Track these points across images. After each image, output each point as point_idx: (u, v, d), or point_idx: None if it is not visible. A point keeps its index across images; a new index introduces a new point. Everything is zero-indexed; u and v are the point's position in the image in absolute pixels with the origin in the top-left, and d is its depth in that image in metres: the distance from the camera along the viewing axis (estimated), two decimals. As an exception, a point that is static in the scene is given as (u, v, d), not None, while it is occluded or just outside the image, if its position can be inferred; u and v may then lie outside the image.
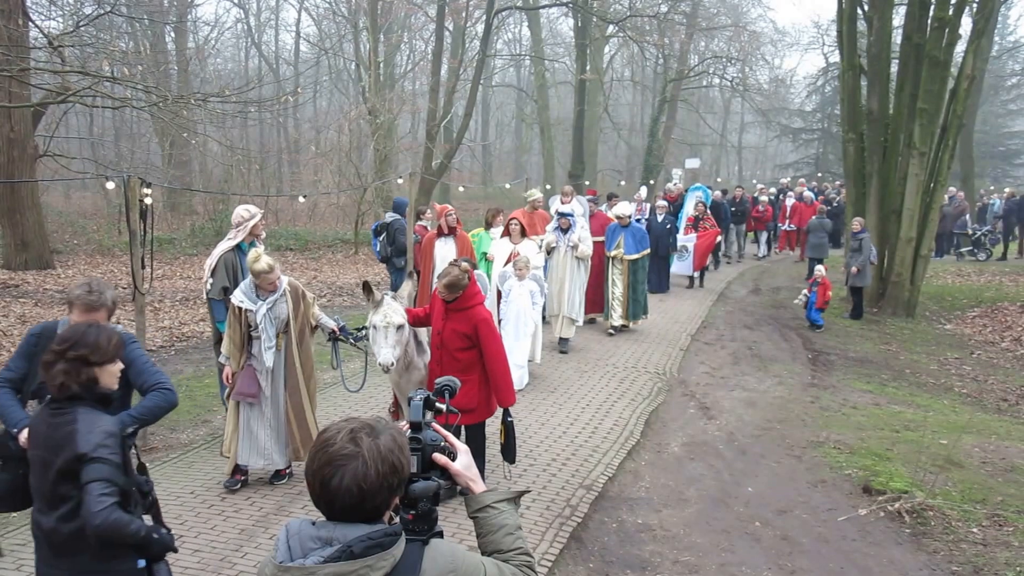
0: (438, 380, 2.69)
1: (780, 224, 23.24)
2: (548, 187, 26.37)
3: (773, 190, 26.01)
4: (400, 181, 24.09)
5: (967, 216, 25.09)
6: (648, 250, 12.66)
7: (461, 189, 30.57)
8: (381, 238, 12.11)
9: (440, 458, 2.19)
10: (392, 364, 6.13)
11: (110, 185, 11.90)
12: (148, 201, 7.64)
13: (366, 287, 6.28)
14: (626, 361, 11.03)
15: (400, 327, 6.16)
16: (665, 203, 16.70)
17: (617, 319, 12.45)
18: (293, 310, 6.38)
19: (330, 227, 25.53)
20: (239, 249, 7.35)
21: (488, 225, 11.30)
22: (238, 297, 6.32)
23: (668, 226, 16.02)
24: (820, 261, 17.32)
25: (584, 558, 5.70)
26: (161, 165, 24.67)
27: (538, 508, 6.28)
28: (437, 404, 2.43)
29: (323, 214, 27.24)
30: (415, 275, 7.45)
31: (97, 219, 24.02)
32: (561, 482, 6.83)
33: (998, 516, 6.39)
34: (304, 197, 20.21)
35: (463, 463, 2.24)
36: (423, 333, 6.75)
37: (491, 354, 6.20)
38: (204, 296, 7.53)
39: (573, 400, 9.17)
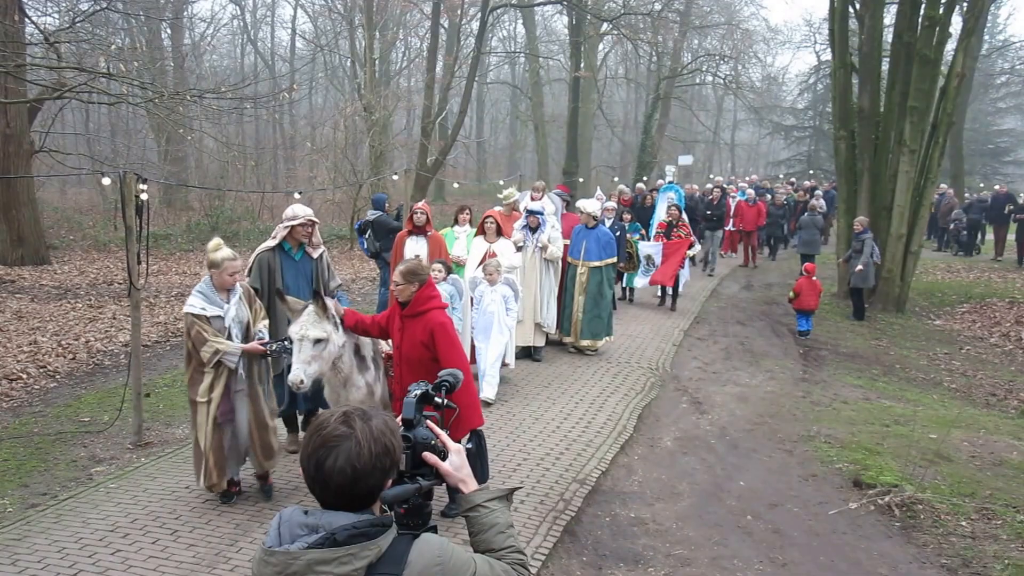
0: (440, 372, 2.63)
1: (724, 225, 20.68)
2: (544, 184, 26.39)
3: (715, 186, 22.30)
4: (395, 177, 24.13)
5: (959, 210, 25.18)
6: (614, 258, 11.30)
7: (456, 186, 30.57)
8: (367, 235, 12.15)
9: (430, 457, 2.17)
10: (301, 383, 5.32)
11: (106, 181, 11.91)
12: (144, 197, 7.65)
13: (279, 294, 5.73)
14: (619, 356, 11.07)
15: (319, 341, 5.39)
16: (614, 205, 14.27)
17: (579, 340, 11.06)
18: (250, 314, 5.99)
19: (325, 223, 25.48)
20: (282, 251, 6.70)
21: (455, 223, 10.61)
22: (198, 305, 5.71)
23: (618, 233, 12.96)
24: (812, 259, 17.35)
25: (577, 551, 5.73)
26: (157, 161, 24.63)
27: (532, 502, 6.30)
28: (435, 399, 2.39)
29: (318, 210, 27.03)
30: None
31: (93, 215, 23.99)
32: (555, 476, 6.85)
33: (987, 510, 6.44)
34: (300, 193, 20.17)
35: (453, 463, 2.22)
36: (367, 347, 6.01)
37: (448, 363, 5.36)
38: None
39: (567, 395, 9.19)
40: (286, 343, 5.66)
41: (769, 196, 22.84)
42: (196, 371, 5.80)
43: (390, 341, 5.87)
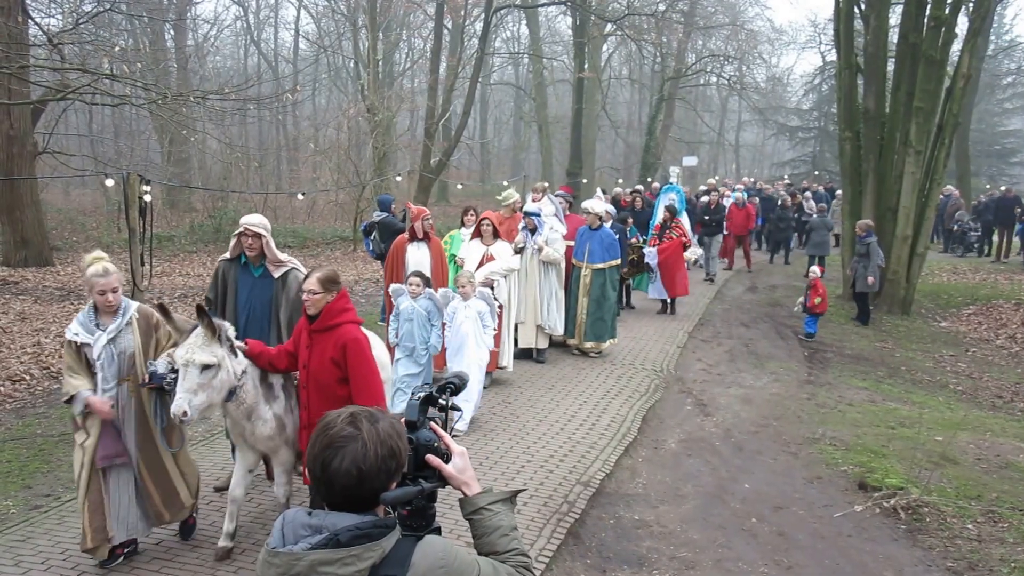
0: (445, 374, 2.60)
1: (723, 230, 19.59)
2: (546, 184, 26.35)
3: (709, 188, 21.56)
4: (398, 179, 24.19)
5: (962, 211, 25.11)
6: (618, 260, 11.17)
7: (459, 187, 30.59)
8: (372, 237, 12.10)
9: (433, 459, 2.17)
10: (185, 415, 4.59)
11: (109, 182, 11.93)
12: (147, 198, 7.68)
13: (162, 310, 4.86)
14: (623, 358, 11.04)
15: (207, 367, 4.67)
16: (613, 210, 13.74)
17: (583, 342, 11.01)
18: (143, 344, 5.07)
19: (328, 224, 25.51)
20: (240, 264, 6.02)
21: (462, 224, 10.54)
22: (73, 329, 5.01)
23: (618, 236, 12.03)
24: (822, 260, 17.27)
25: (581, 554, 5.71)
26: (160, 162, 24.69)
27: (536, 504, 6.27)
28: (440, 401, 2.37)
29: (322, 211, 27.22)
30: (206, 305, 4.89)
31: (96, 216, 24.00)
32: (559, 478, 6.83)
33: (993, 512, 6.42)
34: (303, 195, 20.24)
35: (457, 465, 2.22)
36: (276, 374, 5.36)
37: (358, 384, 4.97)
38: None
39: (571, 397, 9.17)
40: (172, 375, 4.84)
41: (757, 198, 22.37)
42: None
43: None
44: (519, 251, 10.05)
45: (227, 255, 6.10)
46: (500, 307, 8.95)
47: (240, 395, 4.96)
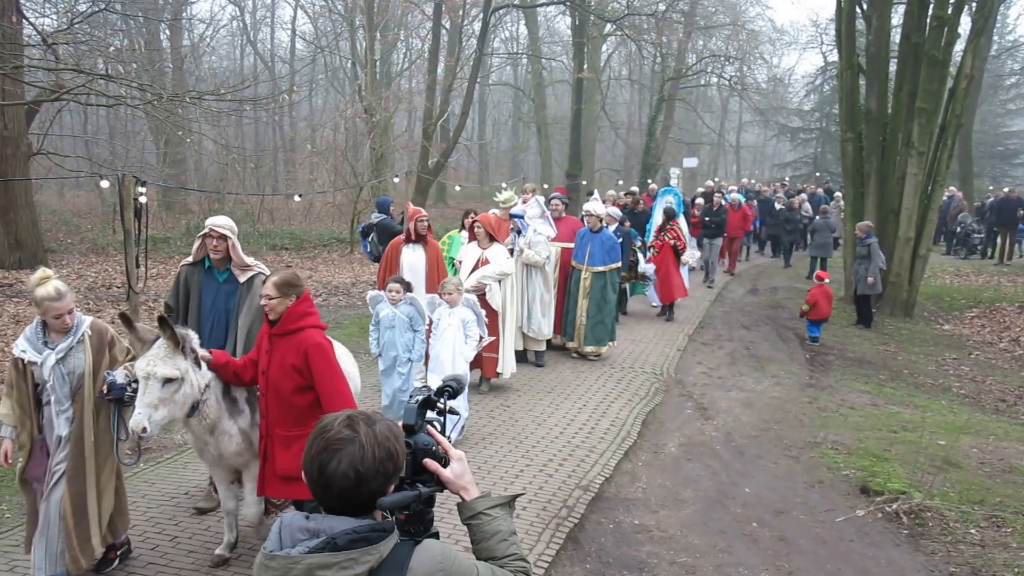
0: (444, 377, 2.56)
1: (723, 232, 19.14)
2: (546, 186, 26.34)
3: (706, 190, 21.12)
4: (396, 180, 24.10)
5: (965, 213, 25.07)
6: (619, 263, 11.10)
7: (458, 188, 30.52)
8: (370, 238, 11.99)
9: (431, 463, 2.17)
10: (144, 431, 4.38)
11: (104, 184, 11.84)
12: (143, 200, 7.60)
13: (124, 319, 4.58)
14: (623, 361, 10.98)
15: (169, 380, 4.45)
16: (617, 213, 13.45)
17: (583, 346, 10.94)
18: (94, 363, 4.77)
19: (326, 226, 25.45)
20: (204, 268, 5.79)
21: (462, 227, 10.42)
22: (20, 346, 4.71)
23: (620, 239, 12.02)
24: (824, 262, 17.20)
25: (581, 559, 5.66)
26: (156, 164, 24.58)
27: (535, 509, 6.23)
28: (437, 404, 2.37)
29: (319, 213, 27.16)
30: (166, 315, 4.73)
31: (91, 218, 23.93)
32: (558, 483, 6.79)
33: (996, 517, 6.38)
34: (299, 196, 20.18)
35: (455, 470, 2.22)
36: (240, 386, 5.15)
37: (327, 389, 4.75)
38: None
39: (570, 400, 9.12)
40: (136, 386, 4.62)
41: (755, 200, 22.21)
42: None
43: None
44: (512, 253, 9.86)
45: (190, 259, 5.85)
46: (495, 313, 8.87)
47: (203, 410, 4.77)
